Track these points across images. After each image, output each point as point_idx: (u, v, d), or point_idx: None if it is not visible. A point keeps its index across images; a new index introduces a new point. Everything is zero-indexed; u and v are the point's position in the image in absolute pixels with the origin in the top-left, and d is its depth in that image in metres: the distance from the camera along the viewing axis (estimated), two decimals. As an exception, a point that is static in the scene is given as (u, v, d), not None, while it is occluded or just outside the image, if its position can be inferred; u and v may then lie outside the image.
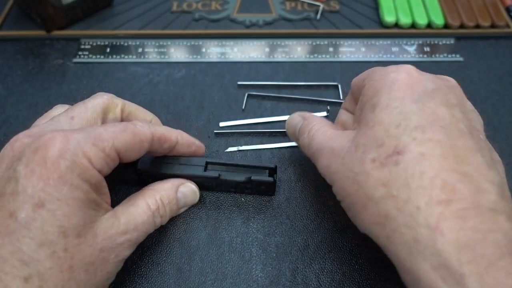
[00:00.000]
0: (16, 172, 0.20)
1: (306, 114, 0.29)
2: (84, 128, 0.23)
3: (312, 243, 0.28)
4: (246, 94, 0.37)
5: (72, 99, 0.36)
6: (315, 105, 0.36)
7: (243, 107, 0.36)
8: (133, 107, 0.28)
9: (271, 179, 0.28)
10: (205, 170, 0.28)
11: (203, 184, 0.29)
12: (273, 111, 0.36)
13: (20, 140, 0.22)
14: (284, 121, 0.35)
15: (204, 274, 0.26)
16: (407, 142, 0.20)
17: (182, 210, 0.28)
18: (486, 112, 0.35)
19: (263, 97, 0.37)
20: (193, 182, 0.28)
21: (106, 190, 0.23)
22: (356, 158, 0.21)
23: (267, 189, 0.29)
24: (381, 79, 0.23)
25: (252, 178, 0.27)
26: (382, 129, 0.21)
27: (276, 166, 0.28)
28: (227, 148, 0.33)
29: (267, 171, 0.28)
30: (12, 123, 0.35)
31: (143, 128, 0.24)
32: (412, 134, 0.20)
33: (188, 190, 0.28)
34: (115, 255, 0.22)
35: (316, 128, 0.26)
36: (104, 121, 0.26)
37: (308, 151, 0.26)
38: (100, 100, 0.26)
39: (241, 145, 0.33)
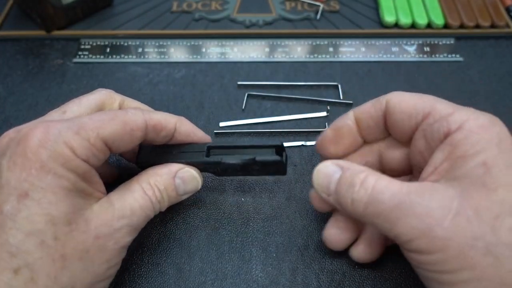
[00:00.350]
0: (0, 166, 0.20)
1: (342, 162, 0.24)
2: (69, 119, 0.22)
3: (312, 243, 0.28)
4: (246, 94, 0.37)
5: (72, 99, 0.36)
6: (315, 105, 0.36)
7: (243, 107, 0.36)
8: (133, 104, 0.28)
9: (277, 157, 0.26)
10: (207, 155, 0.26)
11: (207, 170, 0.27)
12: (273, 111, 0.36)
13: (8, 135, 0.22)
14: (284, 121, 0.35)
15: (204, 274, 0.26)
16: None
17: (184, 197, 0.26)
18: (486, 112, 0.35)
19: (263, 97, 0.37)
20: (194, 168, 0.26)
21: (96, 179, 0.23)
22: (483, 224, 0.19)
23: (277, 170, 0.27)
24: (483, 132, 0.21)
25: (256, 158, 0.25)
26: None
27: (282, 144, 0.26)
28: (227, 148, 0.33)
29: (273, 149, 0.26)
30: (12, 123, 0.35)
31: (135, 116, 0.23)
32: None
33: (187, 176, 0.26)
34: (114, 242, 0.22)
35: (374, 179, 0.21)
36: None
37: (367, 208, 0.21)
38: (97, 95, 0.26)
39: (241, 145, 0.33)
